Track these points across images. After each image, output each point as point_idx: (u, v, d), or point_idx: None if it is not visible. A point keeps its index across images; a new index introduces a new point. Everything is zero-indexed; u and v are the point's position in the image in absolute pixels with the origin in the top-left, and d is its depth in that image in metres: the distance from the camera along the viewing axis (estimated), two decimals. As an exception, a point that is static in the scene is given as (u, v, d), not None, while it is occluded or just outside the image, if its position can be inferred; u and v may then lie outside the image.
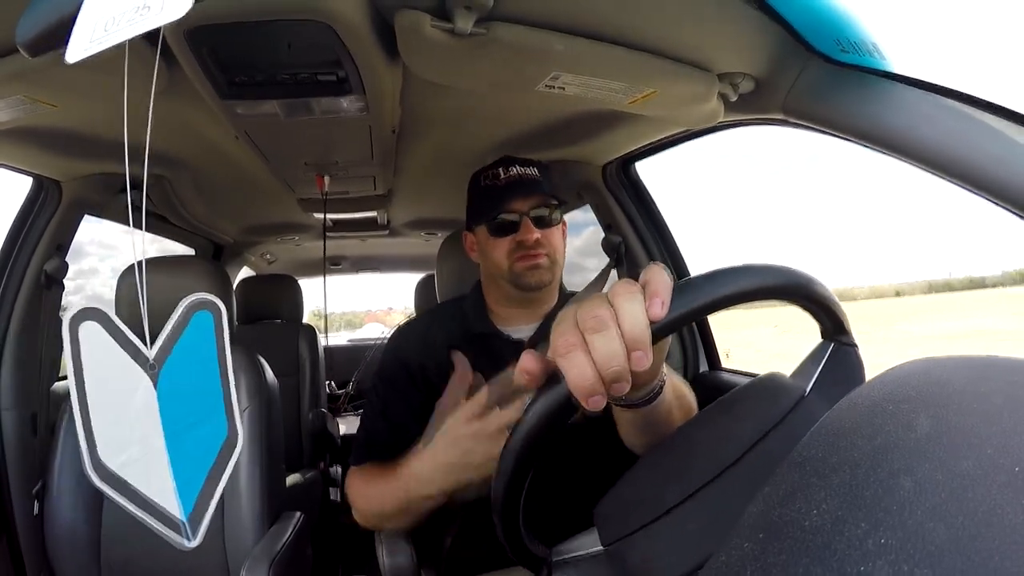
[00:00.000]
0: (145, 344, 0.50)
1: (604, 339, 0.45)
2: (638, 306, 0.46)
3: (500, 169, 1.13)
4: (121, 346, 0.49)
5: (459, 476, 0.86)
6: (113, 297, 1.42)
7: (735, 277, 0.48)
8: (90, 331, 0.48)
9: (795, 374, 0.58)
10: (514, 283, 1.11)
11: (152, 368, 0.49)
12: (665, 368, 0.70)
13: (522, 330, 1.15)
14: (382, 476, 0.98)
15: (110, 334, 0.48)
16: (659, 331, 0.47)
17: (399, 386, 1.09)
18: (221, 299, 1.47)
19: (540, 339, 1.11)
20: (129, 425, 0.49)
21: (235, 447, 0.51)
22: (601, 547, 0.54)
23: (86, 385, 0.48)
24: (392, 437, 1.05)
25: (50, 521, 1.36)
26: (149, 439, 0.49)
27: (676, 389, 0.73)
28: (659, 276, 0.48)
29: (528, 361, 0.49)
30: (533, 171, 1.13)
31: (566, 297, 1.20)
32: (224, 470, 0.51)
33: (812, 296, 0.53)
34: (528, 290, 1.10)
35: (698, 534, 0.49)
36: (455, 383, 0.90)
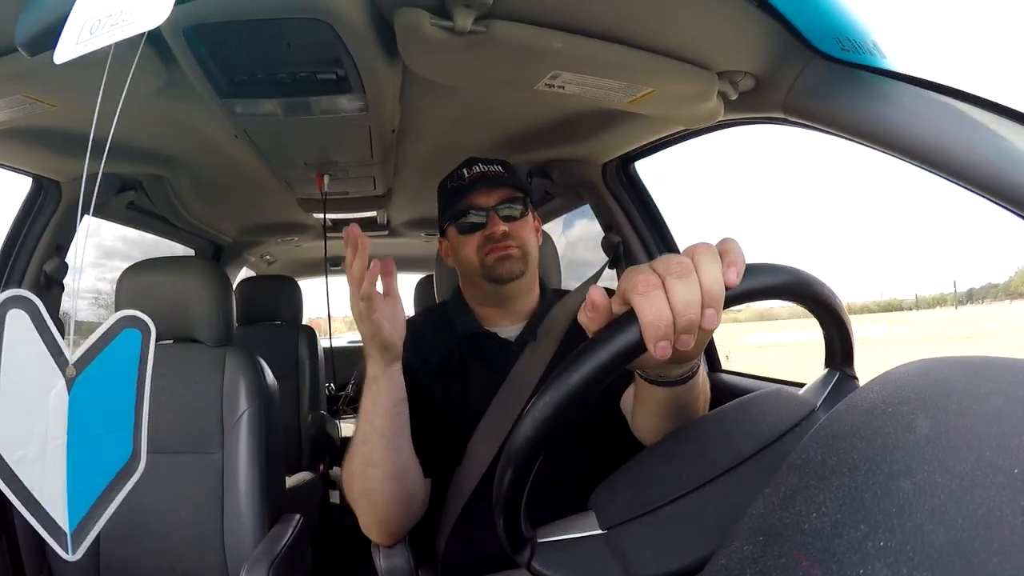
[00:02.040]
0: (68, 345, 0.48)
1: (686, 286, 0.46)
2: (717, 267, 0.48)
3: (464, 170, 1.14)
4: (44, 342, 0.47)
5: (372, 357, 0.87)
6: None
7: (796, 276, 0.52)
8: (16, 318, 0.46)
9: (804, 393, 0.60)
10: (487, 277, 1.10)
11: (69, 372, 0.47)
12: None
13: (508, 330, 1.15)
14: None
15: (35, 326, 0.46)
16: (730, 298, 0.48)
17: None
18: (221, 300, 1.47)
19: (528, 337, 1.11)
20: (35, 423, 0.46)
21: (135, 471, 0.49)
22: (600, 530, 0.54)
23: (0, 373, 0.46)
24: None
25: (49, 521, 1.36)
26: (51, 441, 0.46)
27: (703, 376, 0.72)
28: (736, 248, 0.49)
29: (597, 295, 0.50)
30: (497, 168, 1.14)
31: (551, 296, 1.19)
32: (119, 491, 0.49)
33: (840, 320, 0.56)
34: (500, 282, 1.10)
35: (707, 524, 0.49)
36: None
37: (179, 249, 2.52)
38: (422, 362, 1.09)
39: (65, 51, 0.46)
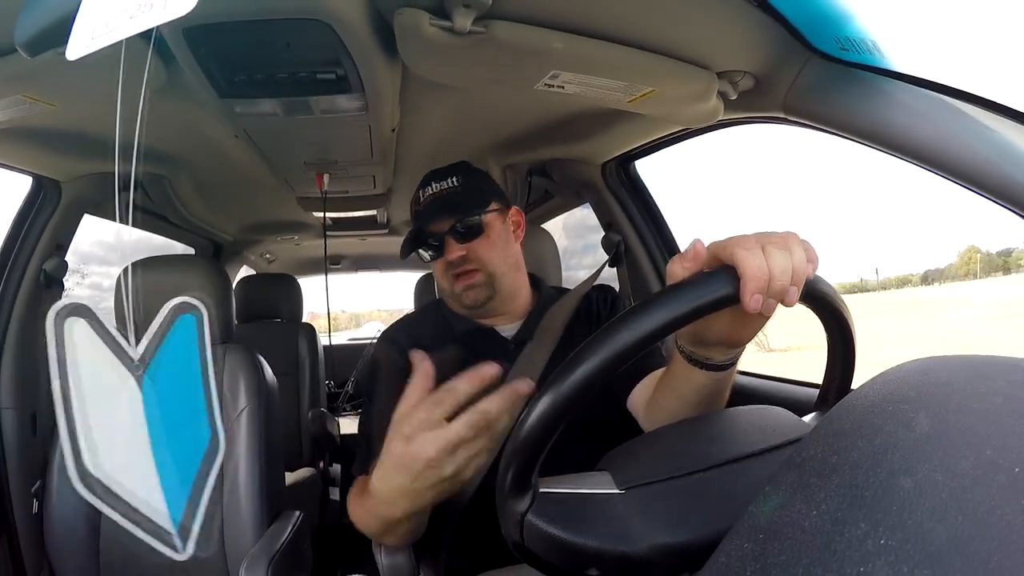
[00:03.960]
0: (130, 344, 0.47)
1: (783, 257, 0.52)
2: (804, 256, 0.54)
3: (420, 191, 1.10)
4: (107, 345, 0.46)
5: (420, 500, 0.68)
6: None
7: (843, 303, 0.57)
8: (76, 328, 0.45)
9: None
10: (458, 303, 1.10)
11: (138, 369, 0.47)
12: None
13: (506, 328, 1.14)
14: (362, 494, 0.88)
15: (96, 332, 0.46)
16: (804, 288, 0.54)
17: (392, 383, 1.08)
18: (221, 298, 1.47)
19: (526, 336, 1.10)
20: (115, 429, 0.46)
21: (218, 452, 0.48)
22: (618, 489, 0.53)
23: (70, 385, 0.45)
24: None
25: (49, 519, 1.36)
26: (135, 444, 0.46)
27: (735, 370, 0.74)
28: (814, 249, 0.56)
29: (699, 243, 0.55)
30: (452, 182, 1.08)
31: (548, 295, 1.18)
32: (209, 476, 0.47)
33: (850, 357, 0.60)
34: (469, 309, 1.09)
35: (737, 499, 0.48)
36: (414, 388, 0.65)
37: (160, 249, 2.49)
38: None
39: (79, 47, 0.45)
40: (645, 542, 0.48)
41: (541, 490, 0.52)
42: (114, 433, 0.46)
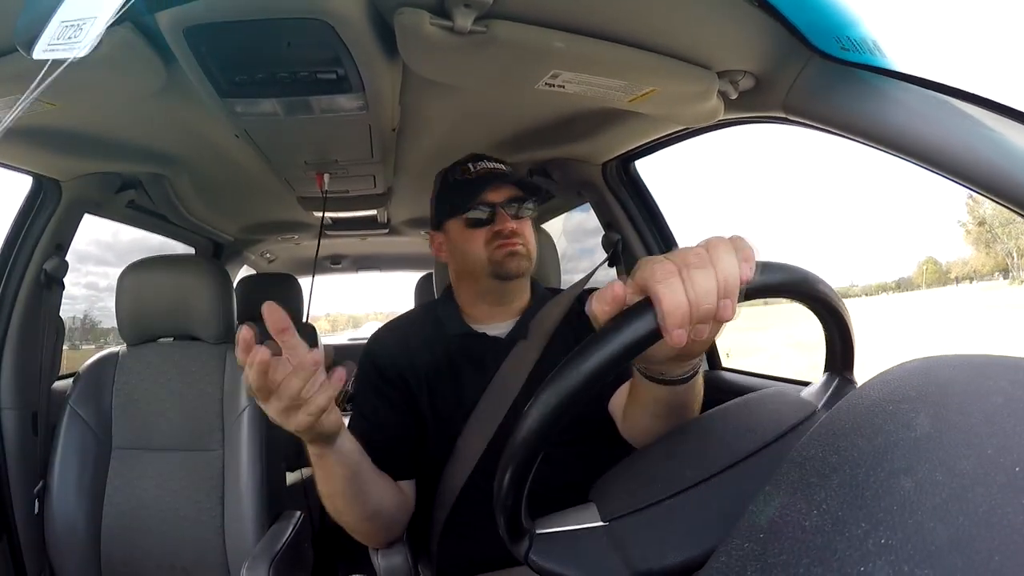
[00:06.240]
0: None
1: (704, 276, 0.48)
2: (734, 259, 0.49)
3: (470, 164, 1.14)
4: None
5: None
6: None
7: (805, 277, 0.53)
8: None
9: (805, 395, 0.62)
10: (493, 273, 1.09)
11: None
12: None
13: (498, 327, 1.14)
14: None
15: None
16: (742, 292, 0.49)
17: (377, 388, 1.08)
18: (222, 298, 1.47)
19: (519, 334, 1.10)
20: None
21: None
22: (601, 522, 0.54)
23: None
24: (374, 438, 1.04)
25: (50, 520, 1.36)
26: None
27: (699, 379, 0.72)
28: (749, 245, 0.50)
29: (619, 288, 0.50)
30: (501, 166, 1.14)
31: (541, 295, 1.19)
32: None
33: (843, 325, 0.58)
34: (507, 278, 1.10)
35: (709, 520, 0.50)
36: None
37: (157, 249, 2.49)
38: (410, 365, 1.09)
39: (38, 51, 0.45)
40: (627, 572, 0.50)
41: (537, 532, 0.54)
42: None
